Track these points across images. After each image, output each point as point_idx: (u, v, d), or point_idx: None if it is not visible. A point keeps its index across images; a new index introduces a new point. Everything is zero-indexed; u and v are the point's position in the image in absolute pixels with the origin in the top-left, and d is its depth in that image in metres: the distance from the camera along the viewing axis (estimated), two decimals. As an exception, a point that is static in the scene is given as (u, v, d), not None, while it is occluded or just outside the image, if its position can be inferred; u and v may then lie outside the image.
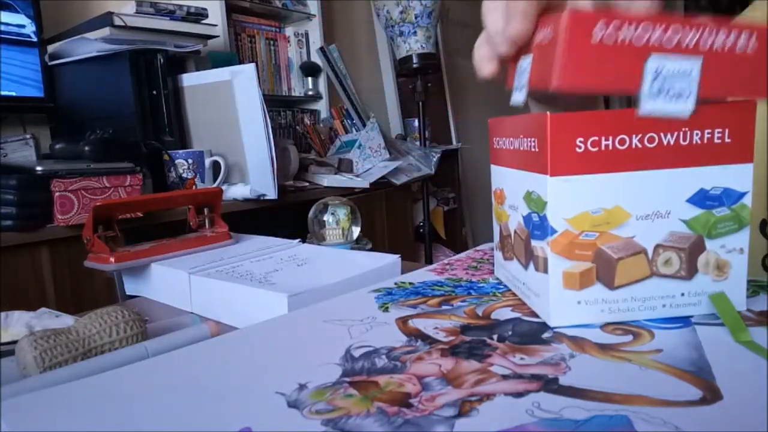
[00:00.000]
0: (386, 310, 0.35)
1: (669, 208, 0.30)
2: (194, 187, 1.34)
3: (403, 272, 0.47)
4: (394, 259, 0.50)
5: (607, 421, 0.21)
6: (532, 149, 0.31)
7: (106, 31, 1.31)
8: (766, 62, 0.29)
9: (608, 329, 0.30)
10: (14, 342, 0.34)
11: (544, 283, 0.31)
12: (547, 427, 0.21)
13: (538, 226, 0.32)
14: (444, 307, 0.35)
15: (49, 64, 1.40)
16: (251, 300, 0.43)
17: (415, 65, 2.18)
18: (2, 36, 1.30)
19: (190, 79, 1.44)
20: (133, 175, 1.15)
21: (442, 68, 2.85)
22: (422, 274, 0.43)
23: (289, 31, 2.25)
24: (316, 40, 2.25)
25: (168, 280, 0.51)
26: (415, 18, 2.13)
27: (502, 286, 0.39)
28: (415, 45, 2.16)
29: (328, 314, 0.35)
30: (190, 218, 0.62)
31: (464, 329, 0.31)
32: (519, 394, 0.23)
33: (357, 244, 0.71)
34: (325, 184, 1.65)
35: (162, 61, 1.38)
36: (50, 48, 1.40)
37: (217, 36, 1.61)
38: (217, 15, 1.77)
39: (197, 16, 1.48)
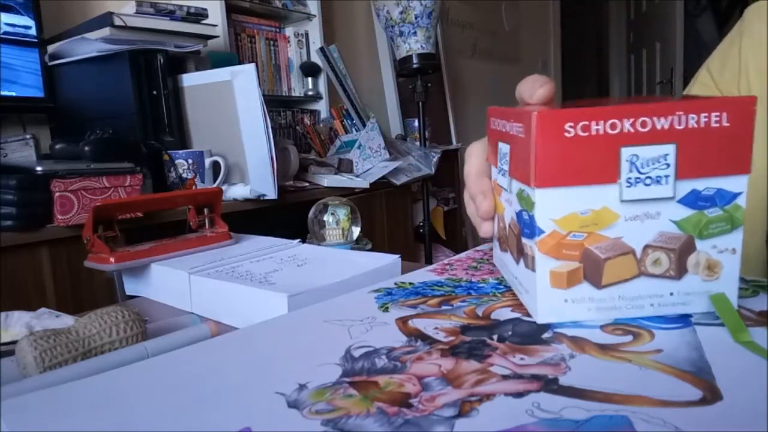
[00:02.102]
0: (386, 310, 0.35)
1: (659, 210, 0.30)
2: (194, 187, 1.34)
3: (403, 272, 0.47)
4: (394, 259, 0.50)
5: (607, 421, 0.21)
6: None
7: (106, 31, 1.31)
8: (747, 136, 0.29)
9: (608, 329, 0.30)
10: (14, 342, 0.34)
11: (532, 280, 0.32)
12: (547, 427, 0.21)
13: (527, 224, 0.32)
14: (444, 308, 0.35)
15: (49, 64, 1.40)
16: (251, 300, 0.43)
17: (415, 65, 2.18)
18: (8, 37, 1.30)
19: (190, 79, 1.44)
20: (133, 175, 1.15)
21: (442, 68, 2.85)
22: (422, 274, 0.43)
23: (289, 31, 2.25)
24: (316, 40, 2.25)
25: (168, 280, 0.51)
26: (415, 18, 2.13)
27: (502, 286, 0.39)
28: (415, 45, 2.16)
29: (328, 314, 0.35)
30: (190, 218, 0.62)
31: (464, 329, 0.31)
32: (519, 395, 0.23)
33: (357, 244, 0.71)
34: (325, 185, 1.65)
35: (162, 61, 1.37)
36: (50, 48, 1.40)
37: (217, 36, 1.61)
38: (217, 15, 1.77)
39: (197, 16, 1.48)
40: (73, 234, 1.05)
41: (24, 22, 1.34)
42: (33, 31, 1.36)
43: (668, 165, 0.29)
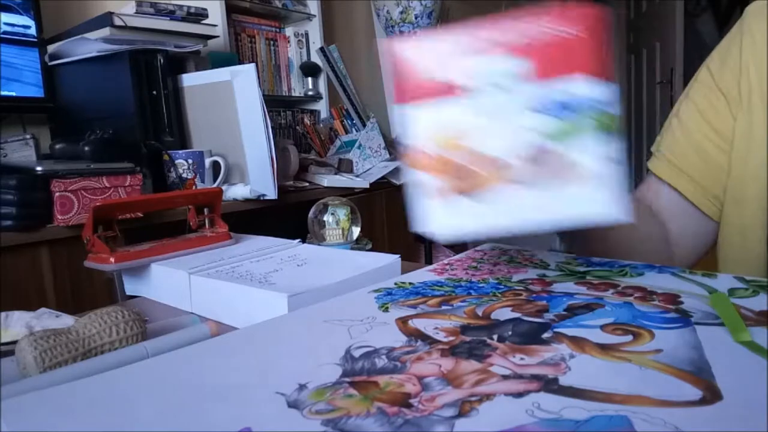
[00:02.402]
0: (386, 310, 0.35)
1: (515, 119, 0.31)
2: (194, 187, 1.34)
3: (403, 272, 0.47)
4: (394, 259, 0.50)
5: (607, 421, 0.21)
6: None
7: (106, 31, 1.31)
8: (599, 42, 0.30)
9: (608, 329, 0.30)
10: (14, 342, 0.34)
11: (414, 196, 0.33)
12: (547, 427, 0.21)
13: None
14: (444, 308, 0.35)
15: (49, 64, 1.40)
16: (251, 300, 0.43)
17: (415, 65, 2.17)
18: (7, 37, 1.30)
19: (190, 79, 1.44)
20: (133, 175, 1.15)
21: (442, 68, 2.85)
22: (422, 274, 0.43)
23: (289, 31, 2.24)
24: (316, 40, 2.25)
25: (168, 280, 0.51)
26: (415, 18, 2.13)
27: (502, 286, 0.39)
28: (415, 45, 2.16)
29: (328, 314, 0.35)
30: (190, 218, 0.62)
31: (464, 329, 0.31)
32: (519, 394, 0.23)
33: (357, 244, 0.71)
34: (325, 185, 1.65)
35: (162, 61, 1.37)
36: (50, 48, 1.40)
37: (217, 36, 1.61)
38: (217, 15, 1.77)
39: (197, 16, 1.48)
40: (73, 234, 1.04)
41: (23, 21, 1.34)
42: (32, 31, 1.36)
43: (524, 75, 0.30)
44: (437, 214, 0.33)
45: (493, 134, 0.31)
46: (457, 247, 2.69)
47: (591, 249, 0.55)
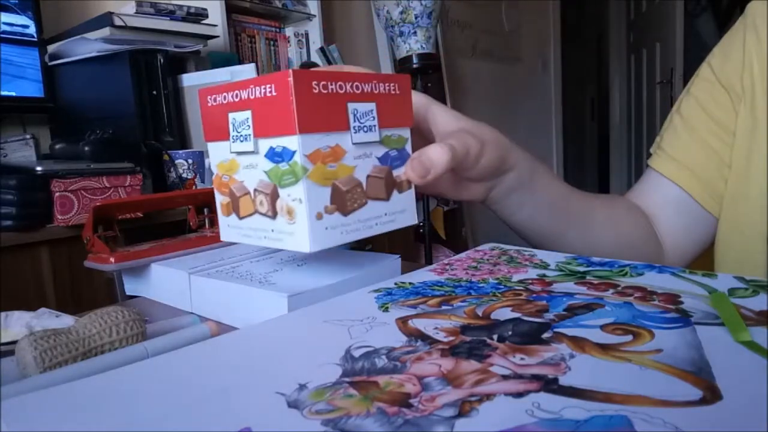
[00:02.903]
0: (386, 310, 0.35)
1: (256, 162, 0.39)
2: (194, 187, 1.34)
3: (403, 272, 0.47)
4: (394, 259, 0.50)
5: (607, 421, 0.21)
6: None
7: (106, 32, 1.31)
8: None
9: (608, 329, 0.30)
10: (14, 342, 0.34)
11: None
12: (547, 427, 0.21)
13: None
14: (444, 308, 0.35)
15: (49, 64, 1.40)
16: (251, 300, 0.43)
17: (415, 65, 2.17)
18: (6, 36, 1.30)
19: (190, 79, 1.44)
20: (133, 175, 1.15)
21: (442, 68, 2.85)
22: (422, 274, 0.43)
23: (289, 31, 2.25)
24: (316, 40, 2.25)
25: (168, 280, 0.51)
26: (415, 18, 2.13)
27: (502, 286, 0.39)
28: (415, 45, 2.16)
29: (328, 314, 0.35)
30: (190, 218, 0.62)
31: (464, 329, 0.31)
32: (519, 394, 0.23)
33: (357, 244, 0.71)
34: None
35: (162, 61, 1.38)
36: (50, 48, 1.40)
37: (217, 36, 1.61)
38: (217, 15, 1.77)
39: (197, 16, 1.48)
40: (73, 234, 1.05)
41: (21, 21, 1.34)
42: (30, 31, 1.36)
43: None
44: (223, 226, 0.44)
45: (245, 173, 0.40)
46: (458, 247, 2.69)
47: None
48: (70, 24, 1.43)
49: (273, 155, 0.37)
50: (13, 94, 1.34)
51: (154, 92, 1.37)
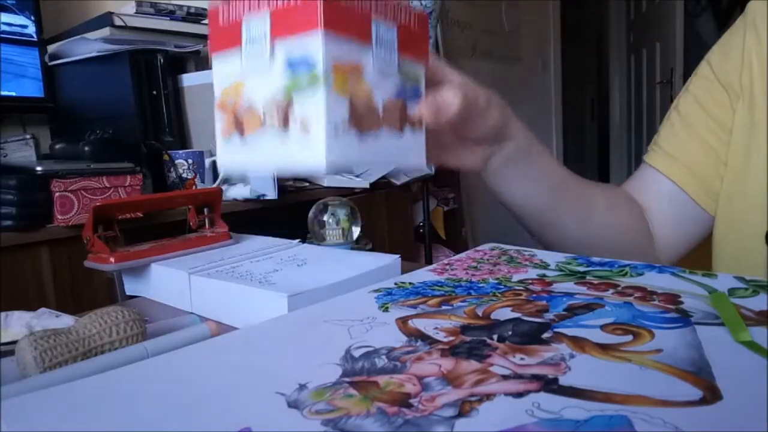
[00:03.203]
0: (386, 310, 0.35)
1: (269, 74, 0.35)
2: (194, 187, 1.34)
3: (403, 272, 0.47)
4: (394, 259, 0.50)
5: (607, 421, 0.21)
6: None
7: (106, 32, 1.31)
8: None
9: (608, 329, 0.30)
10: (14, 342, 0.34)
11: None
12: (547, 427, 0.21)
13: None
14: (444, 308, 0.35)
15: (49, 64, 1.40)
16: (251, 300, 0.43)
17: (415, 65, 2.17)
18: (5, 36, 1.30)
19: (190, 79, 1.44)
20: (133, 175, 1.15)
21: (442, 68, 2.85)
22: (422, 274, 0.43)
23: (289, 31, 2.24)
24: (316, 40, 2.24)
25: (168, 280, 0.51)
26: (415, 18, 2.12)
27: (502, 286, 0.39)
28: (415, 45, 2.16)
29: (328, 314, 0.35)
30: (190, 218, 0.62)
31: (464, 329, 0.31)
32: (519, 394, 0.23)
33: (357, 244, 0.71)
34: (325, 184, 1.65)
35: (162, 61, 1.37)
36: (50, 48, 1.40)
37: (217, 36, 1.61)
38: (217, 15, 1.77)
39: (197, 16, 1.48)
40: (73, 234, 1.04)
41: (20, 21, 1.34)
42: (29, 30, 1.36)
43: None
44: (221, 150, 0.38)
45: (255, 85, 0.36)
46: (458, 247, 2.69)
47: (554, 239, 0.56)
48: (70, 24, 1.43)
49: (290, 64, 0.34)
50: (13, 94, 1.34)
51: (154, 92, 1.37)
